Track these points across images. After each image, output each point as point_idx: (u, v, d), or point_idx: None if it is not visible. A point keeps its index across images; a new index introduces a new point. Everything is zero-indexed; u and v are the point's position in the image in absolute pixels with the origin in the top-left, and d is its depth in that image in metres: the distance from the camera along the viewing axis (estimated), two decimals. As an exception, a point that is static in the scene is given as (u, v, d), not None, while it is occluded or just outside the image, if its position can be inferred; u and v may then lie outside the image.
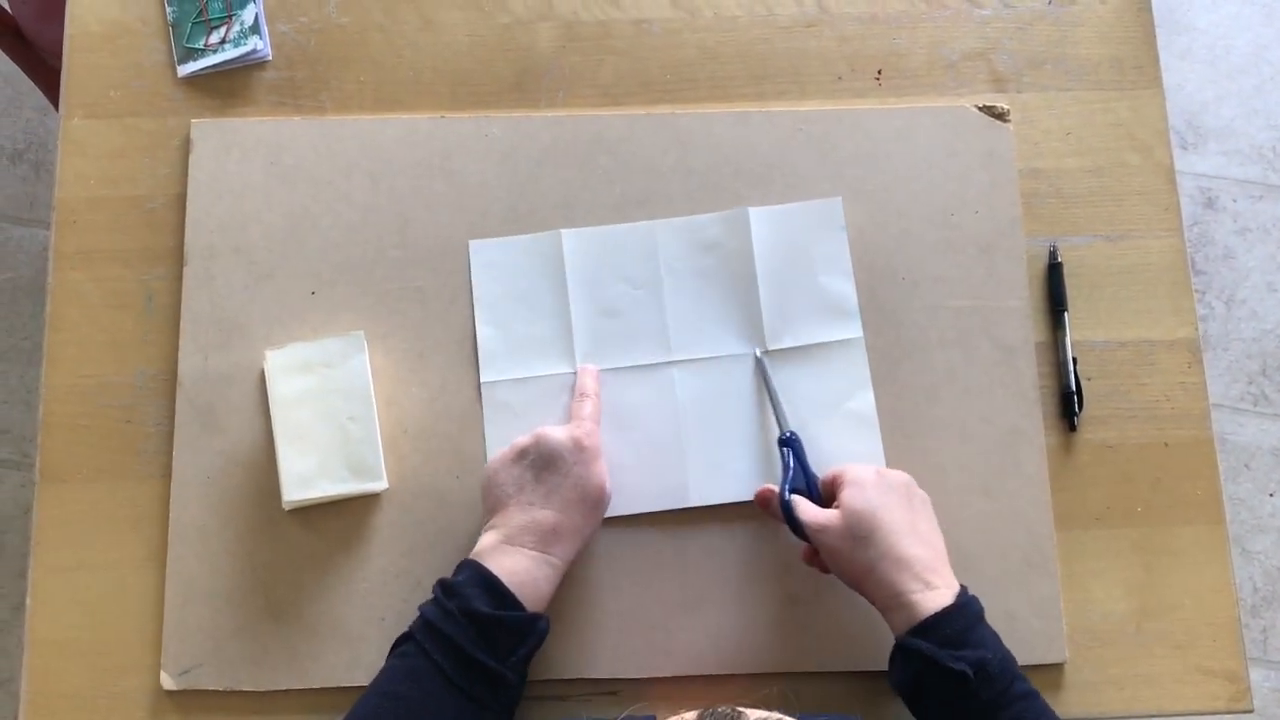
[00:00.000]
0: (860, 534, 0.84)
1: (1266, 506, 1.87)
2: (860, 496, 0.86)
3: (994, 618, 0.83)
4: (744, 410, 0.96)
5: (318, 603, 0.93)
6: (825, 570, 0.90)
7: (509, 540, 0.85)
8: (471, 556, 0.86)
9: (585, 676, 0.92)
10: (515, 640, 0.82)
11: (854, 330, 0.98)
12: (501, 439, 0.94)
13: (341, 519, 0.94)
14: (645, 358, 0.98)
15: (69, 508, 0.95)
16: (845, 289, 0.99)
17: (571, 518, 0.87)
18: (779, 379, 0.96)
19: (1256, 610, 1.82)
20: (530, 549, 0.85)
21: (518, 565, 0.84)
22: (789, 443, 0.93)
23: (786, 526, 0.90)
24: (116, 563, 0.94)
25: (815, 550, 0.89)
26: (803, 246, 1.00)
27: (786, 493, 0.89)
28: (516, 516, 0.86)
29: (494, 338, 0.98)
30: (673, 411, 0.96)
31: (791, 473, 0.91)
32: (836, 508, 0.86)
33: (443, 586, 0.84)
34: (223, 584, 0.93)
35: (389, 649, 0.85)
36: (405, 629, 0.84)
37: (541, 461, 0.87)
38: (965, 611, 0.82)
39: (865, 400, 0.96)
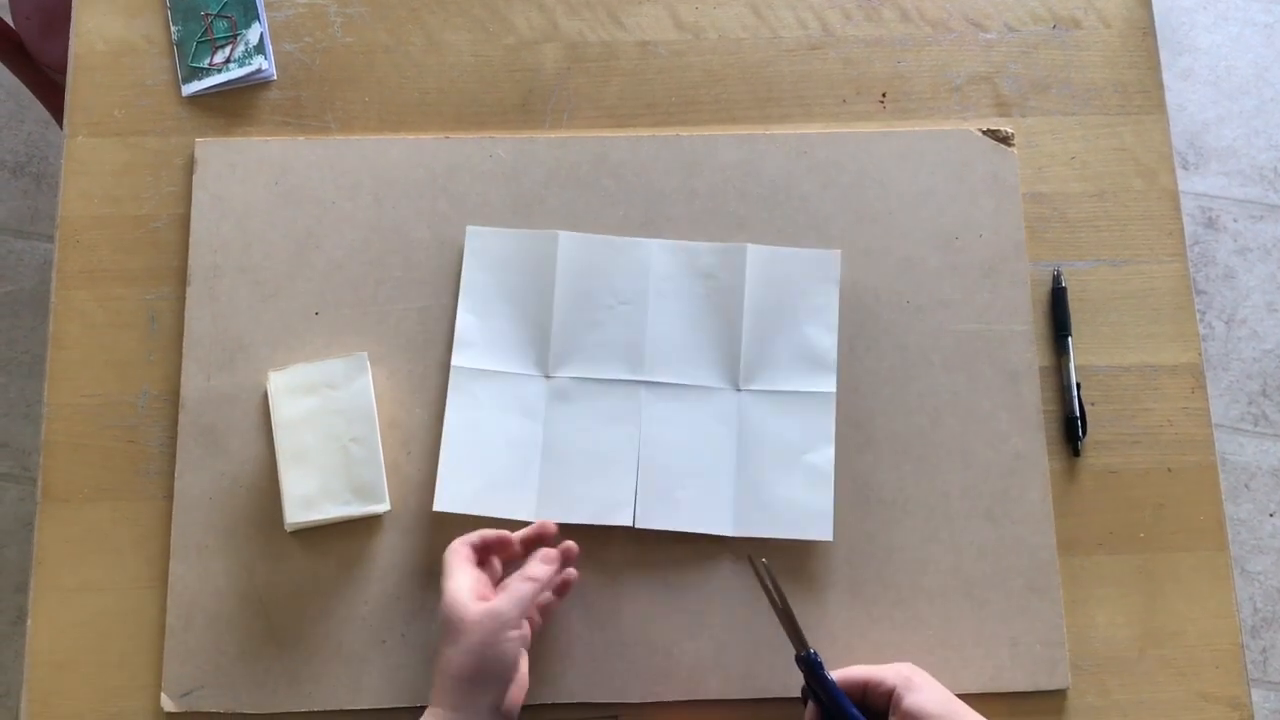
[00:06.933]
0: None
1: (1266, 527, 1.86)
2: (936, 697, 0.80)
3: (997, 643, 0.83)
4: (703, 443, 0.96)
5: (319, 625, 0.93)
6: None
7: None
8: None
9: (586, 701, 0.91)
10: None
11: (828, 384, 0.97)
12: (461, 427, 0.95)
13: (344, 541, 0.94)
14: (616, 373, 0.97)
15: (71, 528, 0.95)
16: (827, 342, 0.98)
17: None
18: (749, 419, 0.96)
19: (1256, 631, 1.81)
20: None
21: None
22: (809, 662, 0.83)
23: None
24: (117, 583, 0.94)
25: None
26: (794, 293, 0.99)
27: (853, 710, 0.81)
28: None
29: (472, 326, 0.98)
30: (633, 430, 0.96)
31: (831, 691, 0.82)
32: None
33: None
34: (224, 606, 0.93)
35: None
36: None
37: (484, 675, 0.81)
38: None
39: (825, 455, 0.95)
